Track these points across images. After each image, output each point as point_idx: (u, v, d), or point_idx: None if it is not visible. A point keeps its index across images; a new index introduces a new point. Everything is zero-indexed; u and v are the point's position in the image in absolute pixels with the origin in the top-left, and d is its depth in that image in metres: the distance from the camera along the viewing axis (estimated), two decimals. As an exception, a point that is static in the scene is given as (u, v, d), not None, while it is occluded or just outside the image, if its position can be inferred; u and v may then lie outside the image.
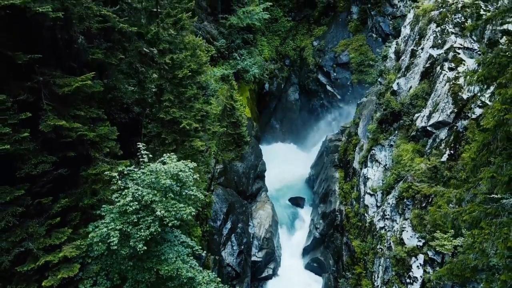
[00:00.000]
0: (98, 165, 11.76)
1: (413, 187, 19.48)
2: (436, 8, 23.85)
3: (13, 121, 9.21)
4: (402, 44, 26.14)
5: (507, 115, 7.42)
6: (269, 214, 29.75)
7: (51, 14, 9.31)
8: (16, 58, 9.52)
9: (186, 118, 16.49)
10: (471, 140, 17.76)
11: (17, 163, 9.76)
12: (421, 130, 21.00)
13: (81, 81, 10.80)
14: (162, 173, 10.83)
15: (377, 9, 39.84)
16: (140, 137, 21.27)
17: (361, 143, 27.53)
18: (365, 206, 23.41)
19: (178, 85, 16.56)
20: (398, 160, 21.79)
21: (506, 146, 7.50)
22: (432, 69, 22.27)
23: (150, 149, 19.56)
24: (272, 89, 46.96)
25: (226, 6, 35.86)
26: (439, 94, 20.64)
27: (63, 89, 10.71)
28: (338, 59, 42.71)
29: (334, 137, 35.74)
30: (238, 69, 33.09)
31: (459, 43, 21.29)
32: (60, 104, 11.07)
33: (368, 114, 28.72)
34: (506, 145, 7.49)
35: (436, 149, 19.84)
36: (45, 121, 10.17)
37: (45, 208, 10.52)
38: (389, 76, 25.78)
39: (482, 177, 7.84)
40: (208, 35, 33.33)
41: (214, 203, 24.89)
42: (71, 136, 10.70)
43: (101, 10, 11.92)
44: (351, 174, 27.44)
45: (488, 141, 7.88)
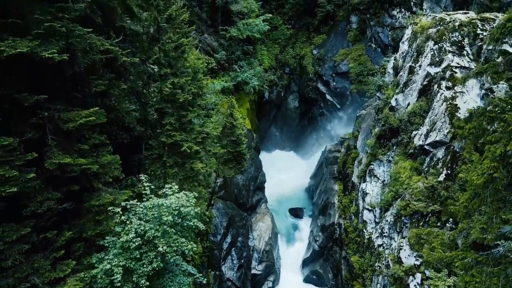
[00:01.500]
0: (101, 196, 12.02)
1: (411, 205, 19.75)
2: (434, 25, 24.12)
3: (20, 163, 9.49)
4: (400, 60, 26.41)
5: (495, 173, 7.70)
6: (268, 226, 30.02)
7: (57, 58, 9.59)
8: (23, 100, 9.79)
9: (187, 141, 16.76)
10: (468, 161, 18.05)
11: (22, 200, 10.03)
12: (419, 148, 21.28)
13: (85, 118, 11.07)
14: (164, 208, 11.10)
15: (376, 19, 40.11)
16: (141, 154, 21.66)
17: (360, 156, 27.80)
18: (364, 221, 23.67)
19: (179, 108, 16.82)
20: (396, 177, 22.06)
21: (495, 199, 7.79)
22: (429, 87, 22.54)
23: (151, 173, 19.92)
24: (272, 97, 47.28)
25: (226, 17, 36.12)
26: (436, 113, 20.90)
27: (68, 125, 10.98)
28: (338, 68, 42.97)
29: (334, 147, 36.00)
30: (238, 81, 33.33)
31: (456, 62, 21.55)
32: (65, 138, 11.34)
33: (367, 127, 28.98)
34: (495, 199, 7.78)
35: (433, 168, 20.11)
36: (50, 158, 10.44)
37: (50, 242, 10.79)
38: (388, 92, 26.05)
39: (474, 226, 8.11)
40: (208, 47, 33.62)
41: (214, 217, 25.19)
42: (75, 171, 10.96)
43: (105, 44, 12.19)
44: (350, 187, 27.69)
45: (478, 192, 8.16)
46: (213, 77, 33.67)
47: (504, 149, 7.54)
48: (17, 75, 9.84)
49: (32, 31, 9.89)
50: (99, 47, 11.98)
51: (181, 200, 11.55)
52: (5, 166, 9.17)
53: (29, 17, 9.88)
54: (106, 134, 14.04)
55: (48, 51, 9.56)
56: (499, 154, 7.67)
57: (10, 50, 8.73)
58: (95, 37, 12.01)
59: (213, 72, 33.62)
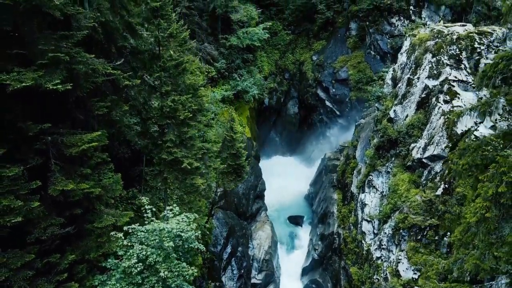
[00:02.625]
0: (103, 217, 12.23)
1: (409, 219, 19.96)
2: (432, 38, 24.32)
3: (24, 192, 9.70)
4: (398, 71, 26.63)
5: (487, 213, 7.91)
6: (268, 235, 30.23)
7: (60, 89, 9.80)
8: (28, 130, 10.00)
9: (187, 157, 16.96)
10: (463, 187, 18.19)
11: (27, 227, 10.24)
12: (417, 161, 21.49)
13: (87, 143, 11.28)
14: (165, 233, 11.32)
15: (375, 27, 40.33)
16: (141, 166, 21.87)
17: (358, 166, 28.01)
18: (363, 232, 23.89)
19: (180, 125, 17.03)
20: (395, 189, 22.28)
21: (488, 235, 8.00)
22: (427, 99, 22.76)
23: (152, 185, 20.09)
24: (272, 103, 47.43)
25: (226, 25, 36.34)
26: (434, 126, 21.12)
27: (71, 150, 11.19)
28: (337, 75, 43.18)
29: (333, 155, 36.22)
30: (238, 90, 33.54)
31: (453, 76, 21.76)
32: (68, 162, 11.56)
33: (366, 137, 29.18)
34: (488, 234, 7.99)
35: (431, 181, 20.32)
36: (53, 184, 10.65)
37: (53, 265, 11.00)
38: (386, 103, 26.26)
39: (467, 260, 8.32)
40: (209, 56, 33.83)
41: (214, 227, 25.40)
42: (78, 195, 11.18)
43: (107, 69, 12.40)
44: (349, 197, 27.91)
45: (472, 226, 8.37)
46: (213, 85, 33.90)
47: (495, 190, 7.76)
48: (21, 104, 10.04)
49: (36, 61, 10.10)
50: (102, 71, 12.19)
51: (181, 225, 11.76)
52: (10, 195, 9.38)
53: (33, 47, 10.08)
54: (107, 149, 14.27)
55: (52, 82, 9.77)
56: (491, 194, 7.90)
57: (16, 84, 8.94)
58: (97, 62, 12.24)
59: (213, 81, 33.84)
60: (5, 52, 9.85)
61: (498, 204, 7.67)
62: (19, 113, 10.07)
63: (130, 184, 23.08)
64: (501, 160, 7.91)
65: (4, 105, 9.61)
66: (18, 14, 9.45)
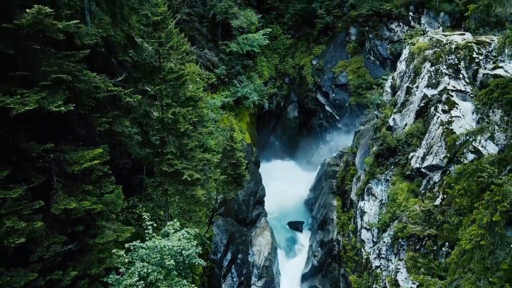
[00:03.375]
0: (104, 233, 12.38)
1: (408, 228, 20.10)
2: (431, 47, 24.49)
3: (28, 212, 9.85)
4: (398, 80, 26.78)
5: (482, 241, 8.07)
6: (268, 241, 30.37)
7: (63, 110, 9.95)
8: (31, 150, 10.15)
9: (188, 169, 17.11)
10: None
11: (29, 245, 10.38)
12: (416, 170, 21.64)
13: (89, 161, 11.43)
14: (166, 252, 11.46)
15: (374, 32, 40.46)
16: (142, 174, 22.01)
17: (358, 173, 28.15)
18: (362, 240, 24.03)
19: (181, 137, 17.19)
20: (394, 198, 22.43)
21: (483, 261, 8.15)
22: (426, 108, 22.91)
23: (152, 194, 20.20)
24: (272, 108, 47.56)
25: (227, 31, 36.49)
26: (433, 136, 21.27)
27: (73, 168, 11.33)
28: (337, 80, 43.32)
29: (333, 161, 36.36)
30: (238, 97, 33.69)
31: (452, 85, 21.91)
32: (70, 179, 11.70)
33: (365, 143, 29.32)
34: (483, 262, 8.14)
35: (430, 191, 20.47)
36: (56, 202, 10.79)
37: (55, 282, 11.14)
38: (385, 111, 26.42)
39: (462, 284, 8.48)
40: (209, 63, 33.99)
41: (214, 235, 25.55)
42: (80, 212, 11.32)
43: (109, 86, 12.55)
44: (348, 204, 28.05)
45: (467, 251, 8.53)
46: (213, 92, 34.06)
47: (490, 218, 7.90)
48: (24, 125, 10.19)
49: (39, 82, 10.25)
50: (104, 88, 12.34)
51: (182, 242, 11.91)
52: (14, 216, 9.53)
53: (36, 68, 10.22)
54: (108, 160, 14.38)
55: (55, 103, 9.92)
56: (486, 222, 8.05)
57: (20, 108, 9.09)
58: (99, 79, 12.38)
59: (213, 87, 34.01)
60: (8, 74, 10.00)
61: (492, 232, 7.82)
62: (22, 134, 10.21)
63: (130, 193, 23.21)
64: (496, 189, 8.06)
65: (8, 128, 9.75)
66: (21, 37, 9.59)
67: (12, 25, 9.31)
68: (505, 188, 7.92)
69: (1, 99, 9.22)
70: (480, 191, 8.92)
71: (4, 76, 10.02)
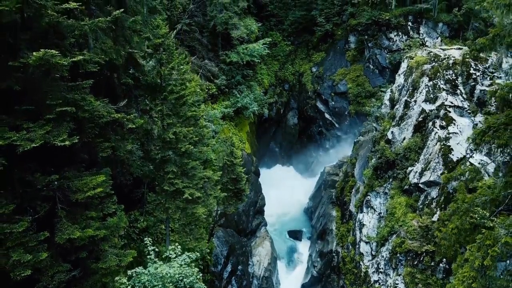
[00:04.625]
0: (107, 257, 12.63)
1: (406, 244, 20.35)
2: (429, 61, 24.75)
3: (33, 244, 10.10)
4: (396, 93, 27.03)
5: (474, 283, 8.32)
6: (268, 251, 30.62)
7: (68, 144, 10.21)
8: (36, 183, 10.41)
9: (188, 188, 17.35)
10: None
11: (34, 274, 10.63)
12: (414, 185, 21.89)
13: (92, 189, 11.68)
14: (168, 280, 11.72)
15: (374, 41, 40.69)
16: (143, 187, 22.26)
17: (357, 185, 28.41)
18: (361, 253, 24.29)
19: (182, 156, 17.43)
20: (392, 212, 22.68)
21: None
22: (424, 123, 23.17)
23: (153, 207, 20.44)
24: (272, 115, 47.77)
25: (227, 41, 36.71)
26: (431, 152, 21.53)
27: (76, 196, 11.58)
28: (336, 88, 43.56)
29: (332, 170, 36.61)
30: (238, 107, 33.95)
31: (449, 101, 22.18)
32: (74, 206, 11.95)
33: (364, 154, 29.57)
34: None
35: (427, 207, 20.72)
36: (60, 231, 11.05)
37: (59, 307, 11.41)
38: (384, 123, 26.67)
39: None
40: (209, 73, 34.23)
41: (215, 247, 25.80)
42: (83, 240, 11.57)
43: (112, 113, 12.80)
44: (347, 216, 28.31)
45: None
46: (214, 102, 34.31)
47: (482, 261, 8.14)
48: (30, 157, 10.44)
49: (45, 115, 10.51)
50: (106, 116, 12.59)
51: (183, 270, 12.16)
52: (20, 249, 9.78)
53: (41, 102, 10.48)
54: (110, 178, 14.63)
55: (60, 136, 10.18)
56: (477, 265, 8.29)
57: (26, 145, 9.34)
58: (102, 107, 12.64)
59: (213, 97, 34.25)
60: (14, 109, 10.25)
61: (484, 275, 8.06)
62: (27, 166, 10.47)
63: (131, 206, 23.50)
64: (487, 233, 8.29)
65: (14, 163, 10.00)
66: (27, 75, 9.84)
67: (18, 63, 9.57)
68: (496, 232, 8.15)
69: (7, 136, 9.48)
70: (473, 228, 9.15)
71: (10, 110, 10.27)
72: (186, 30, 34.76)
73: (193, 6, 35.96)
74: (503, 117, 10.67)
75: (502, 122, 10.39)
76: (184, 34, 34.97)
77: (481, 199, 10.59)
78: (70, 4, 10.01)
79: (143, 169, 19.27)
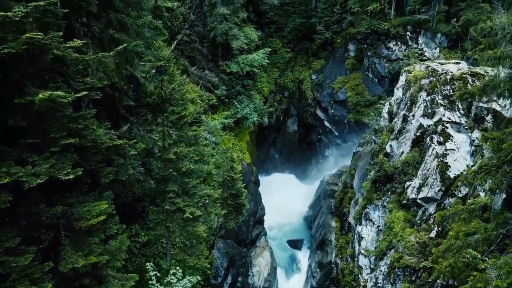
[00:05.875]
0: (109, 282, 12.90)
1: (404, 259, 20.60)
2: (427, 76, 24.98)
3: (38, 275, 10.36)
4: (395, 106, 27.27)
5: None
6: (268, 261, 30.87)
7: (72, 176, 10.47)
8: (41, 214, 10.67)
9: (189, 206, 17.62)
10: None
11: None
12: (412, 200, 22.14)
13: (96, 217, 11.93)
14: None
15: (373, 50, 40.97)
16: (144, 201, 22.49)
17: (356, 197, 28.66)
18: (359, 266, 24.54)
19: (183, 176, 17.69)
20: (391, 226, 22.93)
21: None
22: (422, 138, 23.41)
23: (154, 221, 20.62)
24: (272, 122, 48.06)
25: (227, 51, 36.95)
26: (428, 168, 21.77)
27: (80, 224, 11.84)
28: (336, 96, 43.84)
29: (332, 179, 36.86)
30: (238, 118, 34.21)
31: (447, 117, 22.42)
32: (77, 233, 12.21)
33: (363, 166, 29.82)
34: None
35: (425, 222, 20.98)
36: (64, 259, 11.30)
37: (64, 334, 11.67)
38: (383, 137, 26.92)
39: None
40: (209, 84, 34.50)
41: (215, 259, 26.05)
42: (87, 267, 11.83)
43: (114, 140, 13.06)
44: (346, 227, 28.56)
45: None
46: (214, 112, 34.57)
47: None
48: (35, 192, 10.70)
49: (50, 148, 10.77)
50: (109, 143, 12.85)
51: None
52: (25, 280, 10.04)
53: (46, 135, 10.74)
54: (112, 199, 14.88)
55: (64, 169, 10.44)
56: None
57: (32, 182, 9.60)
58: (105, 135, 12.90)
59: (213, 108, 34.52)
60: (19, 143, 10.51)
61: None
62: (32, 199, 10.72)
63: (132, 220, 23.77)
64: (478, 276, 8.54)
65: (19, 197, 10.26)
66: (32, 112, 10.10)
67: (24, 100, 9.83)
68: (487, 275, 8.38)
69: (13, 171, 9.73)
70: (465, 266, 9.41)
71: (16, 144, 10.53)
72: (187, 40, 35.03)
73: (193, 16, 36.24)
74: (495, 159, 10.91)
75: (494, 165, 10.64)
76: (185, 45, 35.24)
77: (473, 238, 10.83)
78: (75, 42, 10.26)
79: (144, 185, 19.56)
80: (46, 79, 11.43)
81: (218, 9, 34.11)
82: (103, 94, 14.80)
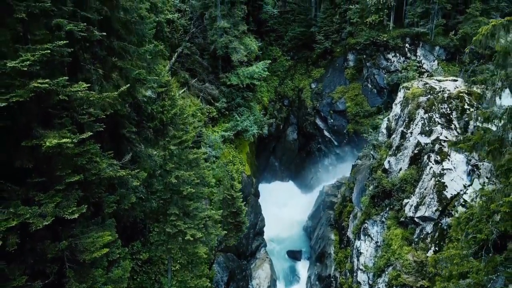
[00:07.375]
0: (113, 310, 13.23)
1: (401, 278, 20.92)
2: (424, 93, 25.30)
3: (45, 311, 10.71)
4: (393, 122, 27.59)
5: None
6: (267, 274, 31.18)
7: (77, 215, 10.80)
8: (47, 251, 11.00)
9: (190, 228, 17.92)
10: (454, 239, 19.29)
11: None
12: (409, 218, 22.45)
13: (99, 249, 12.25)
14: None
15: (372, 61, 41.26)
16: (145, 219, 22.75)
17: (355, 211, 28.98)
18: (358, 282, 24.86)
19: (184, 198, 18.00)
20: (389, 243, 23.24)
21: None
22: (420, 156, 23.72)
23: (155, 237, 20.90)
24: (271, 131, 48.31)
25: (227, 63, 37.25)
26: (426, 186, 22.09)
27: (84, 256, 12.15)
28: (335, 106, 44.12)
29: (331, 190, 37.17)
30: (238, 130, 34.51)
31: (444, 136, 22.74)
32: (81, 264, 12.53)
33: (362, 180, 30.13)
34: None
35: (423, 241, 21.29)
36: (69, 293, 11.65)
37: None
38: (381, 152, 27.24)
39: None
40: (209, 96, 34.81)
41: (215, 274, 26.36)
42: (91, 297, 12.17)
43: (117, 172, 13.37)
44: (345, 241, 28.87)
45: None
46: (214, 125, 34.88)
47: None
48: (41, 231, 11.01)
49: (55, 185, 11.08)
50: (112, 175, 13.16)
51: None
52: (33, 317, 10.38)
53: (51, 173, 11.06)
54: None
55: (69, 208, 10.75)
56: None
57: (38, 223, 9.92)
58: (108, 167, 13.21)
59: (213, 120, 34.83)
60: (25, 181, 10.83)
61: None
62: (38, 237, 11.04)
63: (133, 236, 24.06)
64: None
65: (26, 236, 10.58)
66: (39, 154, 10.42)
67: (31, 143, 10.14)
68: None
69: (20, 212, 10.04)
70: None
71: (22, 183, 10.84)
72: (187, 53, 35.36)
73: (194, 28, 36.57)
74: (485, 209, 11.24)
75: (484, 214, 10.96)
76: (185, 57, 35.57)
77: (466, 281, 11.17)
78: (80, 86, 10.57)
79: (146, 206, 19.85)
80: (51, 115, 11.76)
81: (218, 22, 34.43)
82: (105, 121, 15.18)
